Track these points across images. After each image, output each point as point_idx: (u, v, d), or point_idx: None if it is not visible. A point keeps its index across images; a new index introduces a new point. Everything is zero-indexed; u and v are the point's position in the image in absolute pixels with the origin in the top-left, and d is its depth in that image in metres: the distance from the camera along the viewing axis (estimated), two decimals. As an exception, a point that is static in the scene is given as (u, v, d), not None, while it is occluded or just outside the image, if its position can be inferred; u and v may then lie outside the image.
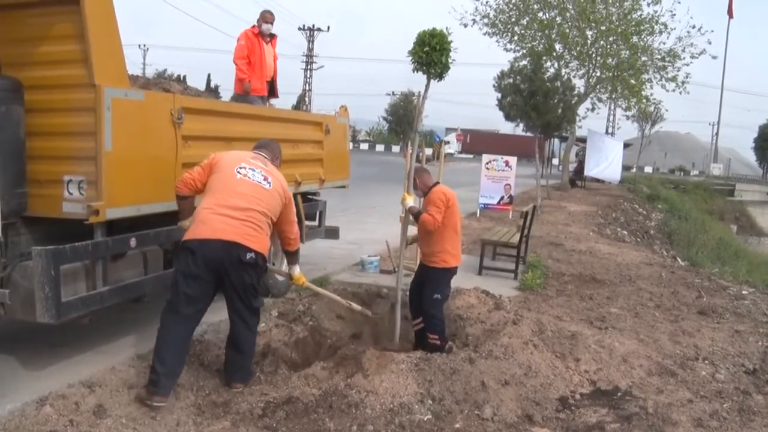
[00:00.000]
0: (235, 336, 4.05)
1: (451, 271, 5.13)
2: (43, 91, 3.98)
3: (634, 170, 38.80)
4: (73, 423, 3.41)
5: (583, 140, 26.92)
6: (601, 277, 8.26)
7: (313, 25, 58.49)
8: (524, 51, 23.30)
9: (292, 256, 4.54)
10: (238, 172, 3.92)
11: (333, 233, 7.52)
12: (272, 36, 7.77)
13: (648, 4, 22.23)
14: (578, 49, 23.10)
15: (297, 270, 4.60)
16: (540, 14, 23.20)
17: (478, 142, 59.70)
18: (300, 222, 6.57)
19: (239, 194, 3.84)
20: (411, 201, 5.17)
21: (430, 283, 5.10)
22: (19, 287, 3.77)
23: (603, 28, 22.37)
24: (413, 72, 4.97)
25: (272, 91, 7.95)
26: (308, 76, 58.41)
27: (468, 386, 3.98)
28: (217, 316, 4.70)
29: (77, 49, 3.86)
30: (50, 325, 3.80)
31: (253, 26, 7.67)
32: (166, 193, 4.35)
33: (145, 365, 4.11)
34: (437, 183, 5.22)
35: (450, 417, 3.73)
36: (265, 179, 3.99)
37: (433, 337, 5.00)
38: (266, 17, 7.64)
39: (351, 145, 9.34)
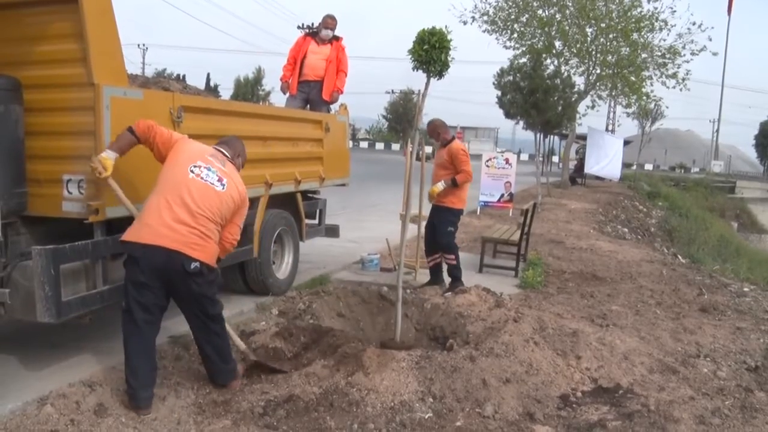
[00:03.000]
0: (204, 349, 3.92)
1: (461, 211, 6.78)
2: (42, 91, 3.97)
3: (634, 168, 38.77)
4: (74, 422, 3.41)
5: (584, 138, 26.93)
6: (602, 274, 8.26)
7: (312, 23, 58.43)
8: (524, 48, 23.29)
9: (217, 261, 3.95)
10: (192, 171, 3.68)
11: (333, 231, 7.52)
12: (335, 39, 7.63)
13: (648, 1, 22.24)
14: (578, 46, 23.08)
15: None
16: (539, 11, 23.20)
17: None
18: (300, 220, 6.59)
19: (189, 196, 3.60)
20: (441, 185, 6.52)
21: (446, 220, 6.62)
22: (19, 287, 3.76)
23: (603, 25, 22.35)
24: (413, 70, 4.96)
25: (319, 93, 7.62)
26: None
27: (469, 384, 3.98)
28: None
29: (76, 48, 3.85)
30: (50, 325, 3.79)
31: (313, 30, 7.80)
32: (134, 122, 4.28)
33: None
34: (454, 138, 6.74)
35: (451, 415, 3.72)
36: (219, 180, 3.75)
37: (450, 258, 6.66)
38: (327, 22, 7.61)
39: (351, 143, 9.32)
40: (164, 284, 3.60)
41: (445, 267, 6.86)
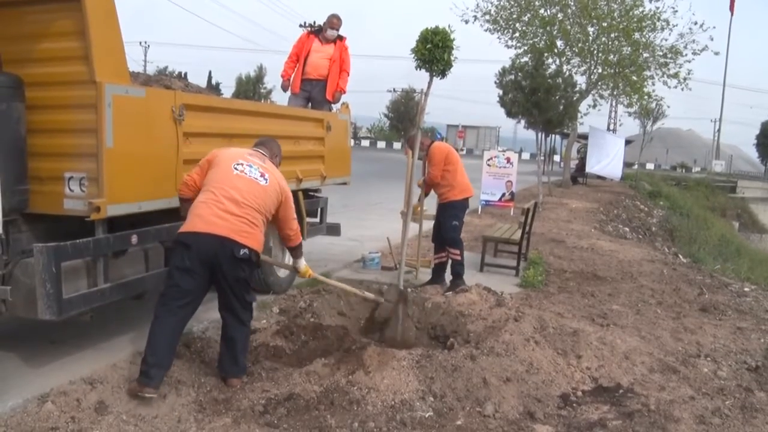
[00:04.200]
0: (228, 332, 4.07)
1: (463, 203, 6.75)
2: (44, 88, 3.97)
3: (635, 167, 38.72)
4: (75, 419, 3.41)
5: (585, 137, 26.87)
6: (603, 274, 8.26)
7: (314, 22, 58.32)
8: (525, 48, 23.24)
9: (295, 251, 4.57)
10: (235, 168, 3.96)
11: (334, 230, 7.52)
12: (338, 38, 7.62)
13: (650, 0, 22.20)
14: (579, 45, 23.04)
15: (302, 263, 4.65)
16: (541, 11, 23.16)
17: None
18: (301, 219, 6.57)
19: (235, 189, 3.87)
20: (418, 203, 6.54)
21: (449, 214, 6.65)
22: (21, 284, 3.77)
23: (604, 24, 22.31)
24: (416, 69, 4.98)
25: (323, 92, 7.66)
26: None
27: (469, 383, 3.98)
28: (217, 313, 4.69)
29: (78, 46, 3.85)
30: (51, 322, 3.80)
31: (317, 28, 7.80)
32: (167, 190, 4.36)
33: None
34: (432, 142, 6.72)
35: (451, 414, 3.73)
36: (262, 176, 4.02)
37: (455, 253, 6.63)
38: (332, 22, 7.60)
39: (352, 141, 9.32)
40: (210, 271, 3.80)
41: (449, 262, 6.87)
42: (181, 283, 3.75)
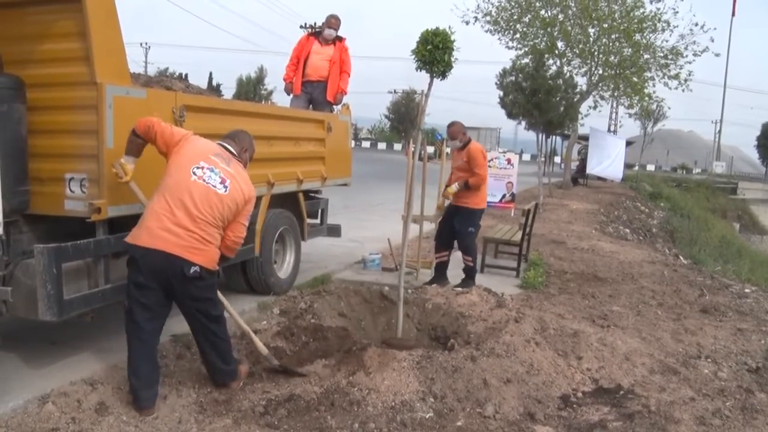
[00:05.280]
0: (203, 350, 3.89)
1: (483, 211, 6.85)
2: (45, 89, 3.98)
3: (636, 168, 38.74)
4: (75, 420, 3.41)
5: (586, 138, 26.86)
6: (604, 275, 8.25)
7: (315, 23, 58.44)
8: (526, 49, 23.25)
9: (223, 261, 3.97)
10: (194, 173, 3.61)
11: (335, 231, 7.53)
12: (338, 39, 7.62)
13: (651, 2, 22.21)
14: (580, 46, 23.05)
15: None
16: (542, 12, 23.17)
17: None
18: (302, 220, 6.59)
19: (190, 200, 3.55)
20: (455, 187, 6.58)
21: (468, 221, 6.66)
22: (22, 285, 3.77)
23: (605, 25, 22.31)
24: (416, 70, 4.97)
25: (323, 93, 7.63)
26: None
27: (470, 384, 3.98)
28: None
29: (79, 47, 3.86)
30: (52, 323, 3.80)
31: (317, 30, 7.80)
32: (135, 123, 4.27)
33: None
34: (471, 139, 6.76)
35: (452, 415, 3.73)
36: (222, 183, 3.67)
37: (468, 259, 6.70)
38: (330, 22, 7.60)
39: (353, 142, 9.32)
40: (163, 286, 3.57)
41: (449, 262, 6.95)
42: (141, 299, 3.55)
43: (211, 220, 3.62)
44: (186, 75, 42.53)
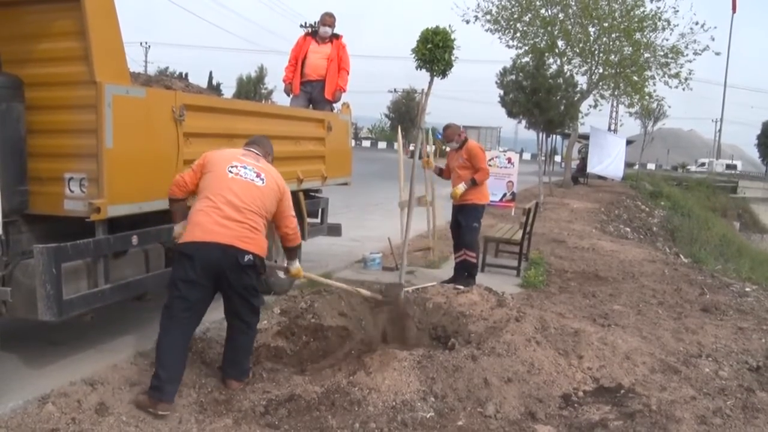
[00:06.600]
0: (233, 336, 4.02)
1: (485, 206, 6.97)
2: (44, 88, 3.96)
3: (636, 167, 38.74)
4: (75, 421, 3.40)
5: (586, 137, 26.87)
6: (604, 274, 8.25)
7: (315, 22, 58.32)
8: (526, 48, 23.27)
9: (292, 252, 4.43)
10: (230, 171, 3.84)
11: (335, 230, 7.51)
12: (335, 37, 7.60)
13: (651, 1, 22.21)
14: (581, 45, 23.07)
15: (295, 264, 4.51)
16: (542, 11, 23.19)
17: None
18: (302, 219, 6.57)
19: (233, 194, 3.76)
20: (462, 186, 6.63)
21: (472, 217, 6.76)
22: (21, 285, 3.76)
23: (605, 24, 22.34)
24: (417, 69, 4.97)
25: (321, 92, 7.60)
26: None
27: (470, 383, 3.98)
28: (219, 314, 4.67)
29: (78, 46, 3.84)
30: (52, 323, 3.79)
31: (314, 30, 7.78)
32: (167, 191, 4.34)
33: (147, 363, 4.12)
34: (467, 138, 6.85)
35: (452, 414, 3.72)
36: (258, 176, 3.91)
37: (471, 255, 6.76)
38: (324, 20, 7.60)
39: (353, 142, 9.32)
40: (215, 279, 3.73)
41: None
42: (186, 295, 3.67)
43: (256, 210, 3.83)
44: (186, 74, 42.59)
